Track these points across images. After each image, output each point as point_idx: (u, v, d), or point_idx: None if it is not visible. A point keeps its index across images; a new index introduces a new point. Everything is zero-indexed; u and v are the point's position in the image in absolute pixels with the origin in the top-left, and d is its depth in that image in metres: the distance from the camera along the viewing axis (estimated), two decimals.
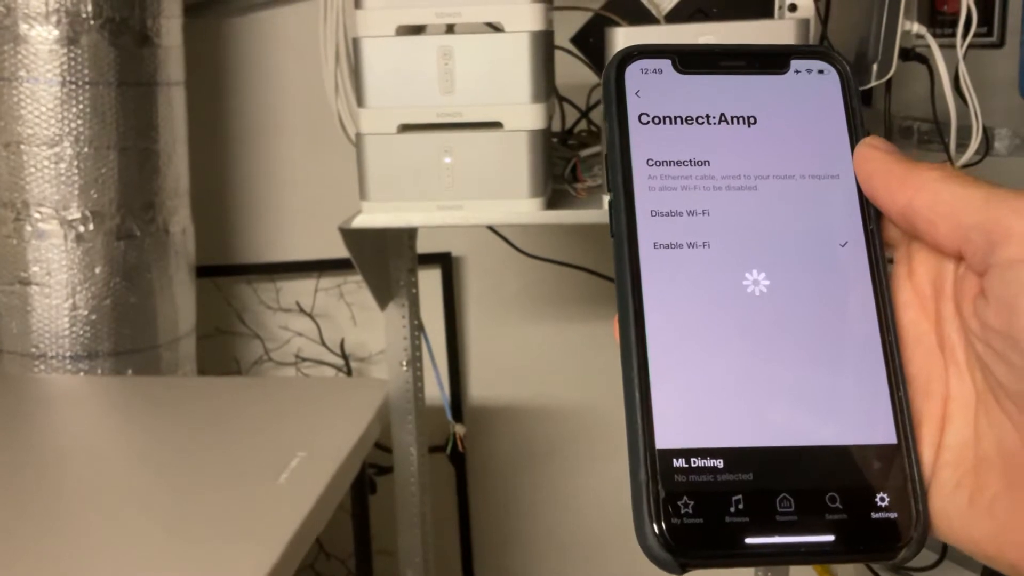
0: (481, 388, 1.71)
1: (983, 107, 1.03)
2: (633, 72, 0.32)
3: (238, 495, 0.94)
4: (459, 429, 1.30)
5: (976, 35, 1.04)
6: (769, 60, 0.33)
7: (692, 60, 0.32)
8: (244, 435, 1.09)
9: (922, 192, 0.28)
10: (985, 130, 1.06)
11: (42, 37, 1.28)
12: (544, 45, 0.97)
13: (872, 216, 0.31)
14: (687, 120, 0.32)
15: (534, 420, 1.72)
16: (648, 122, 0.31)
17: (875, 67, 0.97)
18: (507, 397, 1.72)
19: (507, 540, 1.77)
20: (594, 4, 1.13)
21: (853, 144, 0.32)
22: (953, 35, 1.03)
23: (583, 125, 1.28)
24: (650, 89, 0.32)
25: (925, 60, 1.04)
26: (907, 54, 1.03)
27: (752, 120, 0.32)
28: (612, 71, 0.32)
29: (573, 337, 1.66)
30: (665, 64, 0.32)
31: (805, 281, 0.30)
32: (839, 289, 0.30)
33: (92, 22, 1.29)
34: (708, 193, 0.31)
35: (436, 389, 1.34)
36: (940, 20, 1.23)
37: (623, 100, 0.32)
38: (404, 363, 1.28)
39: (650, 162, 0.31)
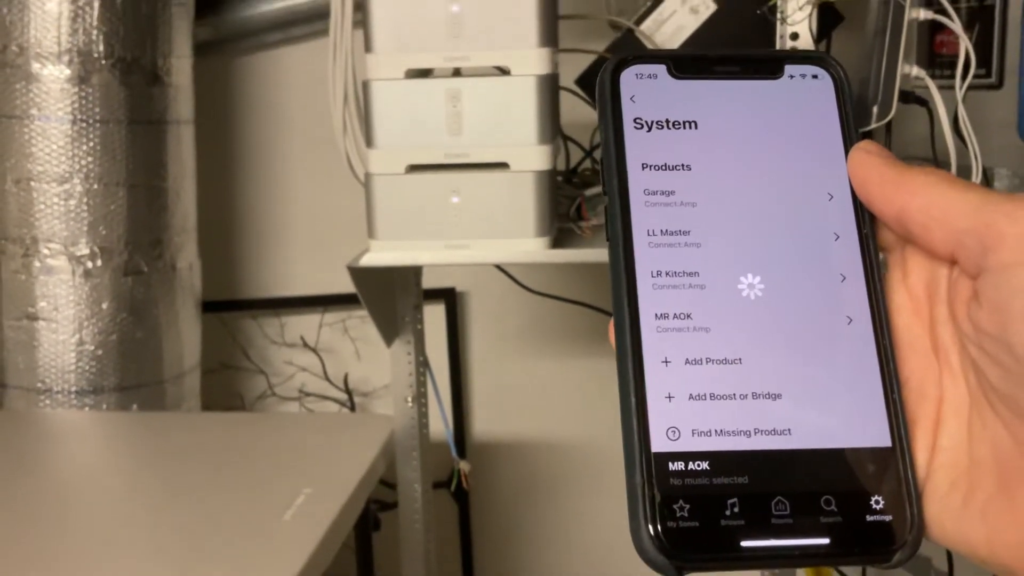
0: (485, 423, 1.72)
1: (982, 147, 1.04)
2: (628, 77, 0.32)
3: (243, 531, 0.94)
4: (464, 466, 1.30)
5: (975, 76, 1.05)
6: (763, 65, 0.33)
7: (686, 65, 0.32)
8: (249, 471, 1.09)
9: (916, 196, 0.29)
10: (985, 170, 1.07)
11: (54, 76, 1.30)
12: (550, 88, 0.99)
13: (866, 219, 0.31)
14: (681, 125, 0.32)
15: (538, 456, 1.72)
16: (643, 127, 0.31)
17: (875, 109, 0.99)
18: (511, 433, 1.72)
19: None
20: (598, 47, 1.15)
21: (847, 148, 0.32)
22: (952, 76, 1.04)
23: (587, 164, 1.30)
24: (645, 94, 0.32)
25: (925, 102, 1.06)
26: (907, 96, 1.04)
27: (746, 124, 0.32)
28: (607, 76, 0.32)
29: (577, 373, 1.67)
30: (660, 69, 0.32)
31: (800, 284, 0.30)
32: (833, 292, 0.30)
33: (104, 61, 1.31)
34: (703, 197, 0.31)
35: (440, 424, 1.34)
36: (939, 62, 1.25)
37: (618, 105, 0.32)
38: (409, 399, 1.28)
39: (645, 166, 0.31)
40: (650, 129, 0.31)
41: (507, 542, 1.75)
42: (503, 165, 0.98)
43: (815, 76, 0.33)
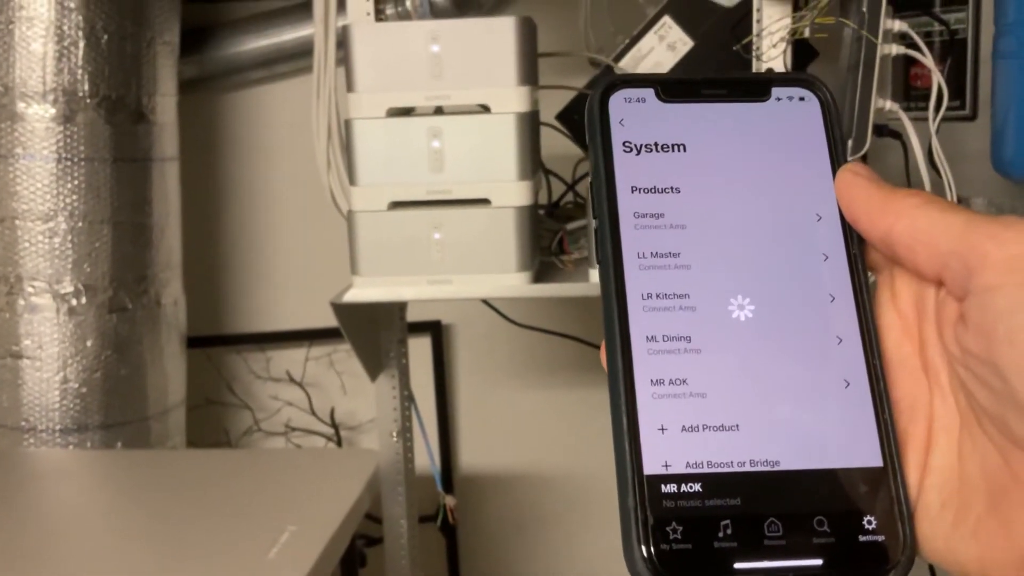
0: (471, 457, 1.71)
1: (958, 178, 1.05)
2: (617, 101, 0.32)
3: (228, 570, 0.93)
4: (449, 501, 1.30)
5: (949, 108, 1.07)
6: (751, 88, 0.33)
7: (675, 89, 0.33)
8: (234, 509, 1.08)
9: (902, 218, 0.29)
10: (960, 200, 1.08)
11: (39, 115, 1.31)
12: (530, 125, 1.00)
13: (854, 240, 0.31)
14: (670, 148, 0.32)
15: (525, 489, 1.72)
16: (632, 150, 0.31)
17: (850, 143, 1.00)
18: (497, 466, 1.72)
19: None
20: (578, 83, 1.17)
21: (835, 170, 0.32)
22: (928, 109, 1.06)
23: (569, 197, 1.31)
24: (633, 118, 0.32)
25: (899, 135, 1.07)
26: (881, 130, 1.06)
27: (734, 147, 0.32)
28: (596, 100, 0.32)
29: (563, 405, 1.67)
30: (648, 93, 0.32)
31: (789, 305, 0.30)
32: (823, 313, 0.30)
33: (89, 100, 1.32)
34: (692, 219, 0.31)
35: (426, 458, 1.34)
36: (915, 95, 1.27)
37: (607, 129, 0.32)
38: (394, 434, 1.28)
39: (634, 189, 0.31)
40: (639, 152, 0.32)
41: None
42: (485, 201, 0.99)
43: (802, 98, 0.33)
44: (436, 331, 1.66)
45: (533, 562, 1.74)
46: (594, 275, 1.02)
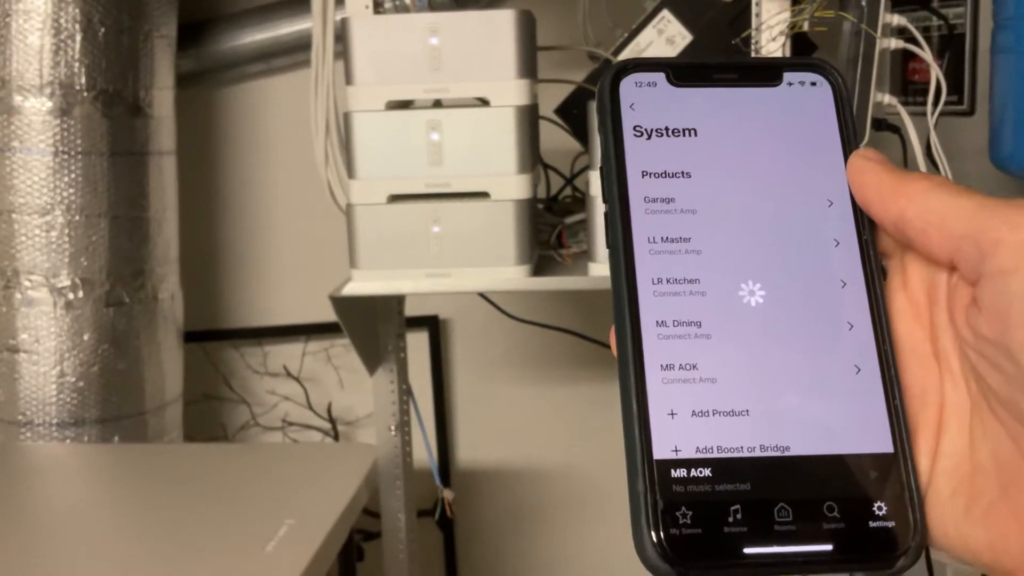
0: (469, 451, 1.71)
1: (956, 173, 1.06)
2: (627, 85, 0.32)
3: (225, 565, 0.93)
4: (447, 494, 1.30)
5: (947, 103, 1.07)
6: (762, 72, 0.33)
7: (686, 73, 0.32)
8: (231, 503, 1.08)
9: (914, 202, 0.29)
10: None
11: (35, 108, 1.30)
12: (529, 118, 1.00)
13: (866, 226, 0.31)
14: (681, 132, 0.32)
15: (522, 483, 1.72)
16: (642, 134, 0.31)
17: None
18: (495, 460, 1.72)
19: None
20: (577, 77, 1.17)
21: (846, 155, 0.32)
22: (926, 103, 1.06)
23: (568, 191, 1.31)
24: (644, 102, 0.32)
25: (897, 129, 1.07)
26: (879, 124, 1.06)
27: (745, 132, 0.32)
28: (607, 84, 0.32)
29: (560, 399, 1.67)
30: (659, 77, 0.32)
31: (800, 291, 0.30)
32: (834, 298, 0.30)
33: (85, 94, 1.31)
34: (703, 204, 0.31)
35: (423, 452, 1.34)
36: (912, 89, 1.27)
37: (617, 113, 0.32)
38: (392, 428, 1.28)
39: (645, 174, 0.31)
40: (650, 137, 0.31)
41: (492, 570, 1.75)
42: (483, 194, 0.99)
43: (814, 83, 0.33)
44: (433, 326, 1.66)
45: (530, 556, 1.74)
46: (593, 269, 1.02)
